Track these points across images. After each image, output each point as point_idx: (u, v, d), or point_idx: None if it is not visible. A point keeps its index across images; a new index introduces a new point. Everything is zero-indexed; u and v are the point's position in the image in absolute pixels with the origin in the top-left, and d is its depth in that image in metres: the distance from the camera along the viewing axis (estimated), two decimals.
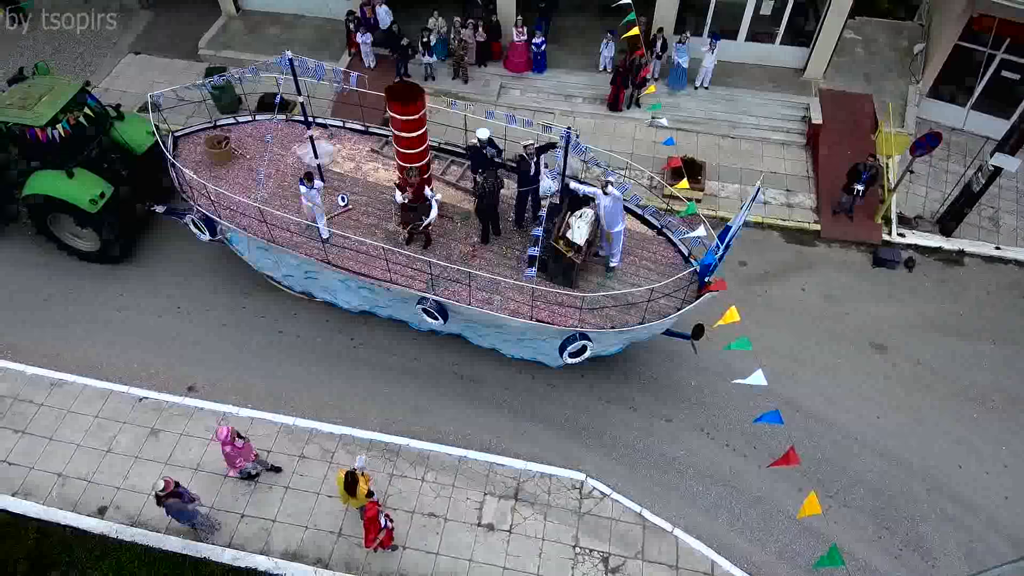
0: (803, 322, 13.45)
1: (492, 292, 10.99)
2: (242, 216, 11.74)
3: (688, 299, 10.77)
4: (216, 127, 13.41)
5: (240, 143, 13.07)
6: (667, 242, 11.95)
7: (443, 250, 11.65)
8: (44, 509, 10.84)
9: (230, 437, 9.78)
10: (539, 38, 17.21)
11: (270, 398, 12.12)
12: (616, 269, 11.40)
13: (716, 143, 16.85)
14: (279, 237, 11.59)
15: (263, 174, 12.31)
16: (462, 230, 12.01)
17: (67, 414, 11.82)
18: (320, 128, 13.39)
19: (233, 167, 12.73)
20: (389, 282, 11.18)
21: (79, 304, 13.45)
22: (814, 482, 11.14)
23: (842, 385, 12.59)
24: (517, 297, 10.89)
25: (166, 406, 11.89)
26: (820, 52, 17.09)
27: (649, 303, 10.64)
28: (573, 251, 10.70)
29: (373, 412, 11.97)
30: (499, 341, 12.26)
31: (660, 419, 12.05)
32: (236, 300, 13.44)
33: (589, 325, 10.67)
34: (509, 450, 11.57)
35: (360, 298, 12.44)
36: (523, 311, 10.76)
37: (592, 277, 11.33)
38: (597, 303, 10.79)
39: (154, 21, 20.07)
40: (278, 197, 12.31)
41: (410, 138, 10.77)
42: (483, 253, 11.65)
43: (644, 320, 10.64)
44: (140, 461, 11.29)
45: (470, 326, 12.09)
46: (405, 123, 10.57)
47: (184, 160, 12.72)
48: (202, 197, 11.87)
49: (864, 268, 14.60)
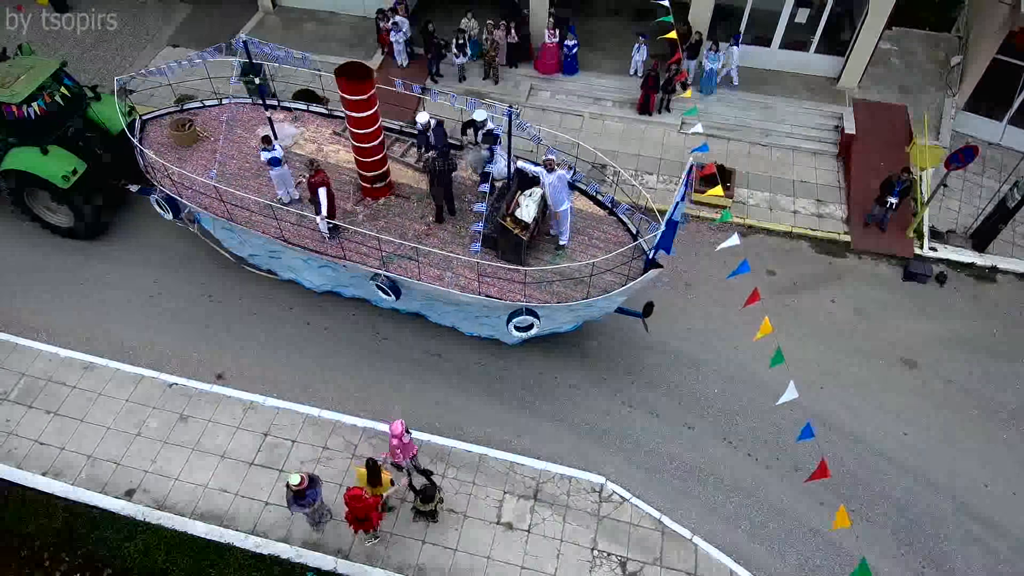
0: (832, 335, 13.31)
1: (444, 269, 11.33)
2: (203, 196, 12.08)
3: (633, 276, 10.90)
4: (183, 111, 13.77)
5: (206, 126, 13.43)
6: (617, 222, 12.14)
7: (398, 229, 11.95)
8: (73, 489, 11.09)
9: (402, 432, 9.82)
10: (571, 40, 17.22)
11: (296, 388, 12.28)
12: (566, 247, 11.65)
13: (747, 150, 16.74)
14: (237, 215, 11.92)
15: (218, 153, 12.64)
16: (418, 210, 12.29)
17: (99, 397, 12.09)
18: (285, 111, 13.84)
19: (198, 149, 13.06)
20: (343, 259, 11.50)
21: (113, 289, 13.73)
22: (838, 496, 11.02)
23: (870, 400, 12.44)
24: (468, 273, 11.20)
25: (195, 392, 12.09)
26: (855, 62, 16.91)
27: (592, 278, 10.87)
28: (520, 228, 11.00)
29: (395, 406, 12.06)
30: (458, 319, 12.55)
31: (682, 426, 12.00)
32: (265, 290, 13.63)
33: (535, 300, 10.95)
34: (530, 450, 11.61)
35: (323, 277, 12.78)
36: (473, 287, 11.06)
37: (543, 255, 11.57)
38: (541, 278, 11.11)
39: (192, 15, 20.41)
40: (240, 177, 12.60)
41: (361, 118, 11.18)
42: (437, 232, 11.93)
43: (588, 295, 10.88)
44: (168, 446, 11.50)
45: (428, 304, 12.43)
46: (355, 103, 10.96)
47: (151, 142, 13.12)
48: (165, 177, 12.29)
49: (895, 281, 14.41)
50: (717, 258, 14.49)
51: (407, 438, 10.00)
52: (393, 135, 13.45)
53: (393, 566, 10.34)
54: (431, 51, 17.43)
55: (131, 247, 14.33)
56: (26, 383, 12.23)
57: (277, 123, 12.93)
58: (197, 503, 10.91)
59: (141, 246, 14.26)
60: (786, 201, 15.73)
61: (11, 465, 11.31)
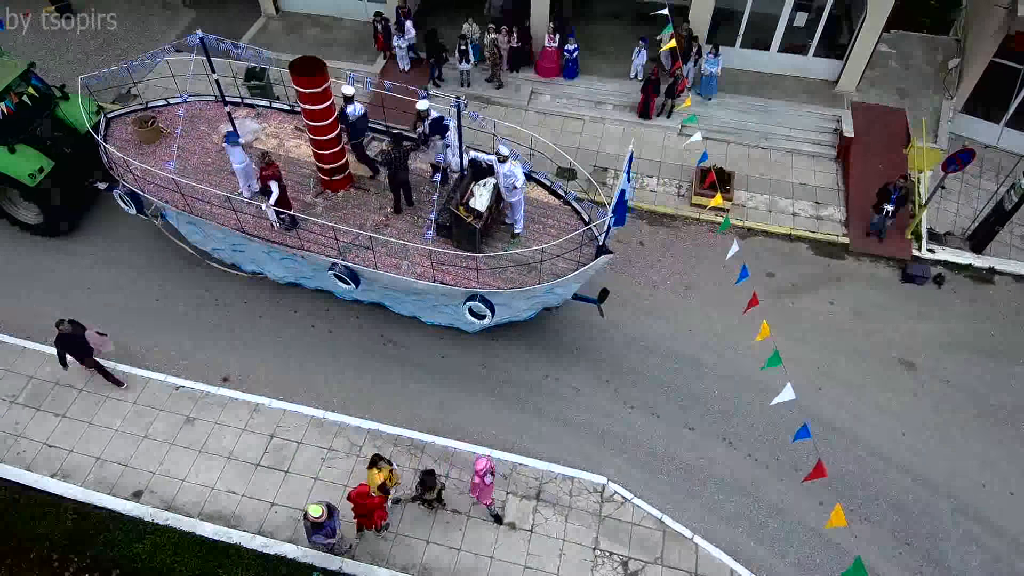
0: (831, 336, 13.45)
1: (401, 258, 11.62)
2: (164, 190, 12.36)
3: (584, 261, 11.13)
4: (147, 108, 14.03)
5: (171, 123, 13.69)
6: (572, 211, 12.37)
7: (357, 220, 12.19)
8: (82, 491, 11.24)
9: (485, 472, 9.69)
10: (572, 44, 17.38)
11: (301, 390, 12.42)
12: (520, 235, 11.92)
13: (746, 153, 16.88)
14: (197, 208, 12.18)
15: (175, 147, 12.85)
16: (377, 201, 12.54)
17: (106, 400, 12.23)
18: (248, 107, 14.18)
19: (160, 145, 13.31)
20: (300, 249, 11.75)
21: (118, 293, 13.88)
22: (836, 496, 11.12)
23: (868, 401, 12.58)
24: (424, 262, 11.49)
25: (201, 395, 12.25)
26: (854, 65, 17.07)
27: (545, 265, 11.16)
28: (473, 217, 11.26)
29: (401, 408, 12.22)
30: (418, 308, 12.82)
31: (683, 427, 12.14)
32: (270, 295, 13.79)
33: (489, 286, 11.22)
34: (532, 451, 11.75)
35: (285, 269, 13.05)
36: (428, 275, 11.36)
37: (498, 243, 11.81)
38: (494, 264, 11.35)
39: (197, 19, 20.58)
40: (202, 172, 12.90)
41: (316, 111, 11.43)
42: (395, 222, 12.19)
43: (540, 281, 11.14)
44: (175, 448, 11.65)
45: (388, 294, 12.68)
46: (309, 96, 11.18)
47: (115, 139, 13.42)
48: (127, 172, 12.59)
49: (893, 283, 14.55)
50: (717, 261, 14.70)
51: (489, 479, 9.72)
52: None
53: (398, 566, 10.48)
54: (433, 56, 17.58)
55: (138, 251, 14.48)
56: (34, 386, 12.38)
57: (239, 119, 13.26)
58: (204, 504, 11.06)
59: (148, 250, 14.42)
60: (785, 203, 15.87)
61: (20, 467, 11.46)
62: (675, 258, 14.79)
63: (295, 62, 11.18)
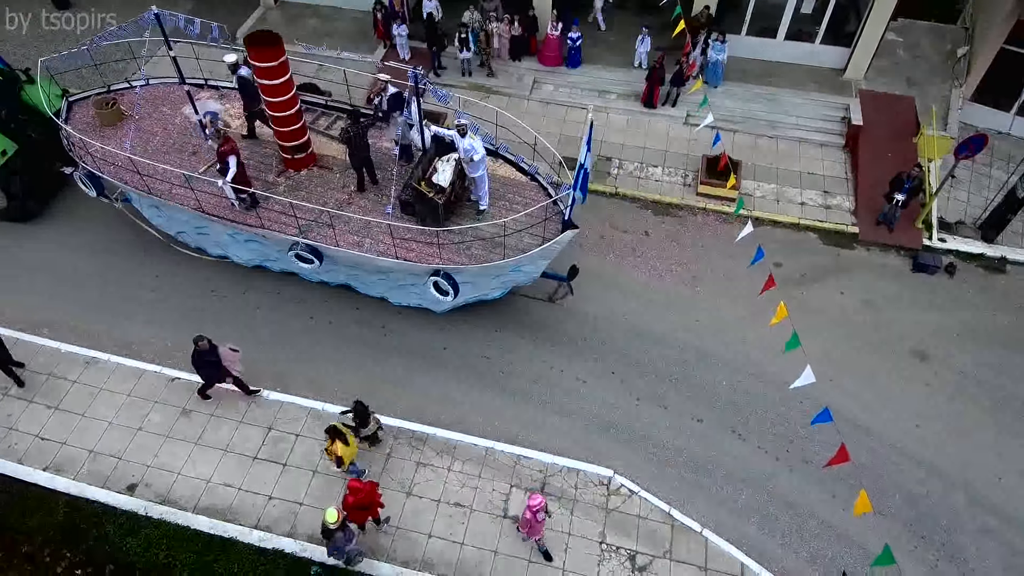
0: (841, 327, 13.16)
1: (363, 236, 11.41)
2: (123, 171, 12.15)
3: (550, 237, 10.90)
4: (110, 91, 13.85)
5: (133, 105, 13.55)
6: (539, 187, 12.21)
7: (319, 199, 12.01)
8: (75, 484, 10.96)
9: (539, 509, 9.21)
10: (575, 32, 17.09)
11: (299, 382, 12.14)
12: (485, 211, 11.75)
13: (753, 142, 16.59)
14: (157, 188, 11.99)
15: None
16: (340, 180, 12.38)
17: (100, 391, 11.96)
18: (211, 89, 14.04)
19: (121, 127, 13.17)
20: (260, 228, 11.58)
21: (115, 284, 13.61)
22: (848, 489, 10.87)
23: (881, 392, 12.29)
24: (386, 239, 11.28)
25: (197, 387, 11.95)
26: (861, 53, 16.78)
27: (508, 239, 11.00)
28: (436, 192, 11.10)
29: (402, 400, 11.94)
30: (385, 289, 12.68)
31: (691, 419, 11.85)
32: (269, 285, 13.50)
33: (452, 263, 11.07)
34: (536, 443, 11.46)
35: (250, 252, 12.91)
36: (391, 252, 11.18)
37: (463, 220, 11.65)
38: (456, 240, 11.21)
39: (195, 9, 20.29)
40: (163, 153, 12.74)
41: (274, 86, 11.24)
42: (359, 200, 12.03)
43: (505, 257, 10.93)
44: (171, 440, 11.37)
45: (355, 274, 12.51)
46: (265, 71, 10.99)
47: (77, 122, 13.24)
48: (86, 155, 12.41)
49: (904, 273, 14.26)
50: (724, 250, 14.44)
51: (542, 516, 9.30)
52: (318, 109, 13.68)
53: (400, 560, 10.21)
54: (434, 44, 17.30)
55: (136, 241, 14.16)
56: (27, 378, 12.08)
57: (201, 100, 13.07)
58: (200, 498, 10.77)
59: (145, 242, 14.11)
60: (793, 193, 15.58)
61: (12, 461, 11.18)
62: (681, 248, 14.51)
63: (250, 36, 11.00)
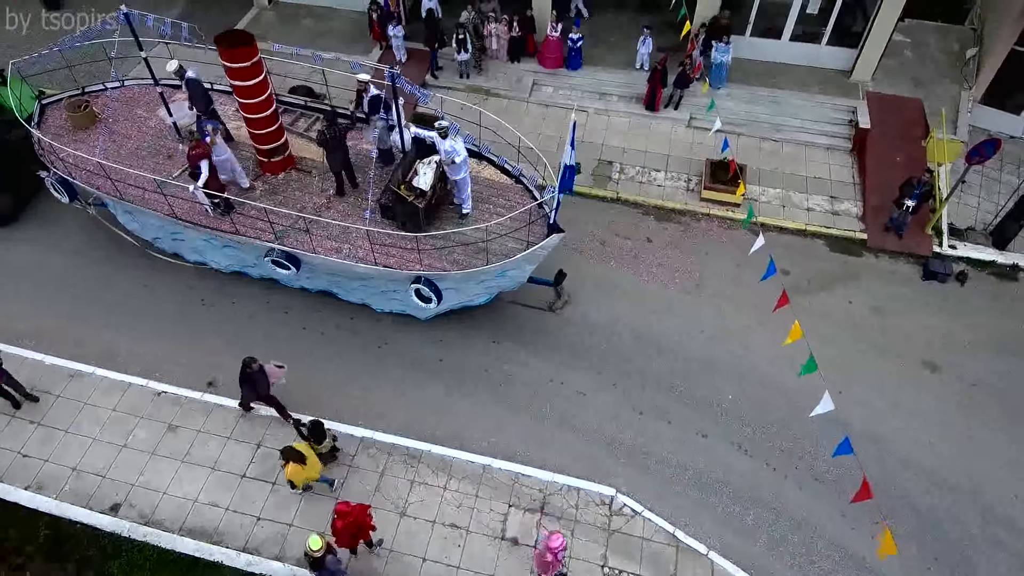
0: (850, 337, 12.75)
1: (342, 241, 11.06)
2: (95, 176, 11.77)
3: (535, 240, 10.54)
4: (84, 93, 13.41)
5: (107, 108, 13.16)
6: (524, 190, 11.82)
7: (297, 203, 11.65)
8: (57, 504, 10.55)
9: (559, 550, 8.75)
10: (576, 33, 16.69)
11: (291, 396, 11.69)
12: (468, 215, 11.41)
13: (758, 146, 16.19)
14: (129, 194, 11.62)
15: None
16: (319, 184, 12.01)
17: (84, 406, 11.55)
18: None
19: (94, 131, 12.77)
20: (235, 234, 11.22)
21: (104, 293, 13.20)
22: (860, 508, 10.42)
23: (891, 404, 11.89)
24: (366, 245, 10.88)
25: (185, 401, 11.56)
26: (869, 54, 16.37)
27: (494, 245, 10.63)
28: (416, 196, 10.72)
29: (397, 413, 11.54)
30: (367, 295, 12.31)
31: (696, 433, 11.45)
32: (259, 293, 13.09)
33: (434, 268, 10.73)
34: (535, 459, 11.06)
35: (227, 257, 12.53)
36: (370, 258, 10.81)
37: (446, 225, 11.29)
38: (438, 245, 10.81)
39: (187, 10, 19.90)
40: (136, 157, 12.37)
41: (248, 87, 10.80)
42: (338, 205, 11.67)
43: (488, 262, 10.57)
44: (156, 457, 10.96)
45: (336, 281, 12.15)
46: (239, 71, 10.59)
47: (50, 126, 12.91)
48: (58, 160, 12.06)
49: (913, 280, 13.85)
50: (728, 256, 14.04)
51: (561, 555, 8.86)
52: (297, 110, 13.30)
53: None
54: (433, 44, 16.90)
55: (122, 250, 13.73)
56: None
57: (176, 101, 12.69)
58: (186, 518, 10.36)
59: (131, 249, 13.67)
60: (799, 198, 15.17)
61: None
62: (685, 255, 14.10)
63: (221, 36, 10.56)
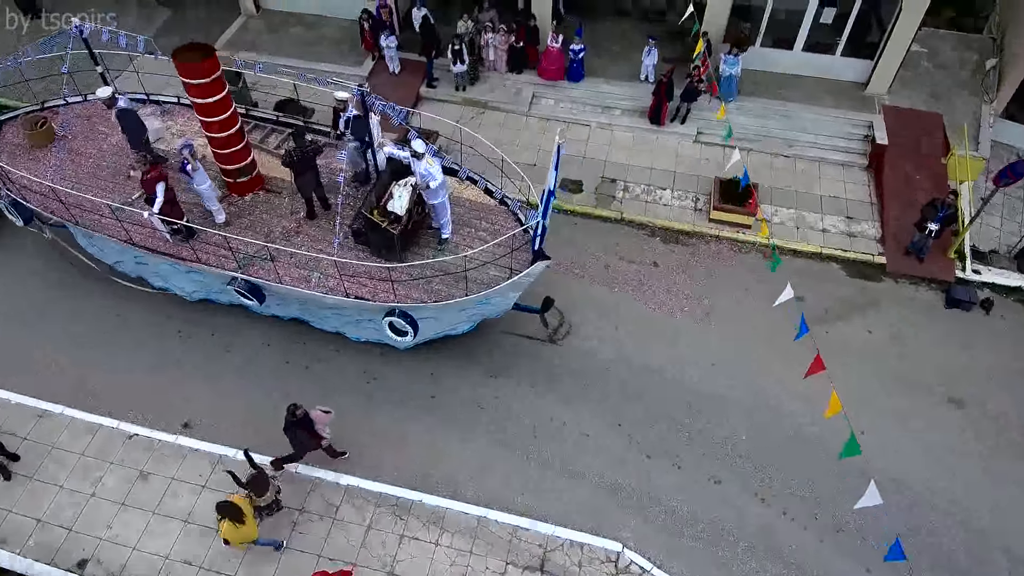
0: (871, 370, 11.95)
1: (311, 269, 10.37)
2: (47, 199, 11.05)
3: (517, 269, 9.82)
4: (43, 108, 12.73)
5: (67, 124, 12.43)
6: (508, 212, 11.17)
7: (264, 227, 10.99)
8: (20, 559, 9.74)
9: None
10: (578, 44, 15.90)
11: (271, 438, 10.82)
12: (448, 240, 10.72)
13: (769, 162, 15.40)
14: (83, 218, 10.93)
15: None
16: (289, 206, 11.31)
17: (52, 450, 10.75)
18: (153, 104, 12.99)
19: (52, 148, 12.11)
20: (197, 262, 10.50)
21: (75, 324, 12.41)
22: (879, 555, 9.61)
23: (912, 440, 11.11)
24: (336, 273, 10.18)
25: (158, 445, 10.76)
26: (886, 65, 15.56)
27: (475, 272, 9.94)
28: (390, 222, 9.90)
29: (385, 459, 10.72)
30: (340, 323, 11.62)
31: (708, 480, 10.65)
32: (238, 323, 12.28)
33: (410, 300, 9.98)
34: (535, 509, 10.25)
35: (193, 283, 11.81)
36: (342, 288, 10.11)
37: (425, 251, 10.63)
38: (417, 274, 10.12)
39: (172, 19, 19.12)
40: (95, 177, 11.70)
41: (209, 104, 10.05)
42: (308, 229, 10.92)
43: (468, 292, 9.84)
44: (126, 508, 10.15)
45: (308, 309, 11.44)
46: (199, 88, 9.87)
47: (5, 143, 12.28)
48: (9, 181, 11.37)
49: (936, 308, 13.06)
50: (740, 282, 13.25)
51: None
52: (268, 125, 12.63)
53: None
54: (429, 54, 16.12)
55: (87, 275, 12.93)
56: None
57: (143, 116, 11.88)
58: None
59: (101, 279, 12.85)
60: (813, 218, 14.38)
61: None
62: (693, 281, 13.31)
63: (178, 49, 9.83)
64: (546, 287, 12.06)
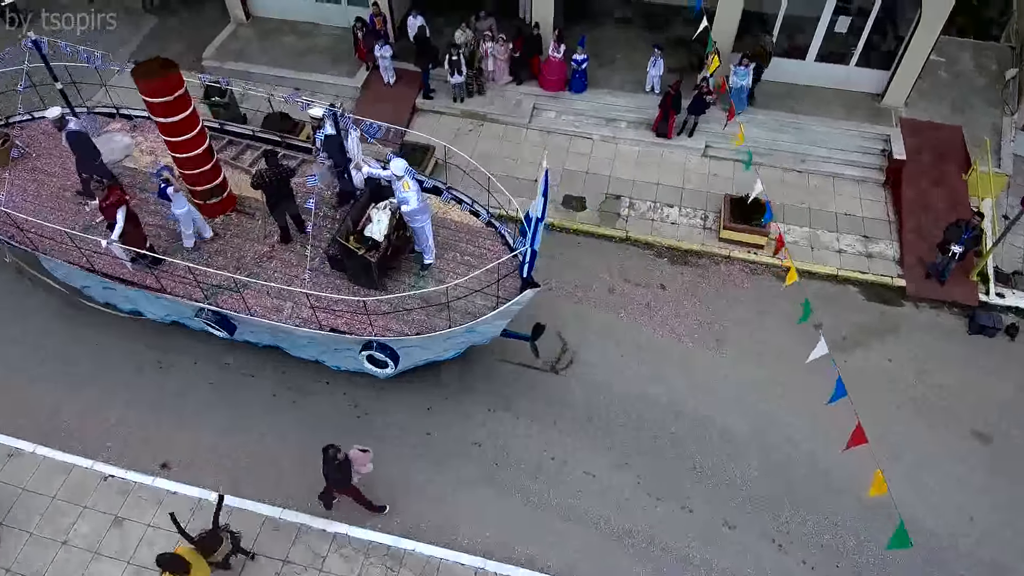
0: (892, 402, 11.29)
1: (284, 299, 9.81)
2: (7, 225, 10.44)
3: (505, 297, 9.24)
4: (7, 124, 12.12)
5: (32, 141, 11.80)
6: (496, 234, 10.58)
7: (236, 251, 10.44)
8: None
9: None
10: (581, 54, 15.23)
11: (254, 478, 10.24)
12: (431, 266, 10.15)
13: (780, 177, 14.72)
14: (41, 243, 10.30)
15: None
16: (263, 228, 10.72)
17: (22, 493, 10.08)
18: (123, 119, 12.47)
19: (15, 167, 11.49)
20: (161, 291, 9.90)
21: (50, 359, 11.74)
22: None
23: (934, 477, 10.45)
24: (309, 303, 9.55)
25: (134, 487, 10.08)
26: (903, 76, 14.88)
27: (456, 302, 9.37)
28: (367, 249, 9.41)
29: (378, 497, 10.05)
30: (318, 352, 11.02)
31: (721, 524, 9.97)
32: (222, 353, 11.61)
33: (391, 332, 9.41)
34: (537, 560, 9.57)
35: (163, 307, 11.15)
36: (315, 320, 9.51)
37: (406, 277, 10.07)
38: (396, 305, 9.54)
39: (158, 27, 18.48)
40: (58, 199, 11.09)
41: (174, 123, 9.47)
42: (282, 254, 10.33)
43: (452, 324, 9.23)
44: (100, 558, 9.48)
45: (282, 336, 10.74)
46: (162, 107, 9.34)
47: None
48: None
49: (958, 334, 12.38)
50: (752, 306, 12.60)
51: None
52: (243, 141, 12.00)
53: None
54: (425, 64, 15.46)
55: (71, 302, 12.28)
56: None
57: (109, 132, 11.25)
58: None
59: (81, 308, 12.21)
60: (829, 238, 13.70)
61: None
62: (703, 304, 12.64)
63: (138, 67, 9.22)
64: (546, 312, 11.43)
